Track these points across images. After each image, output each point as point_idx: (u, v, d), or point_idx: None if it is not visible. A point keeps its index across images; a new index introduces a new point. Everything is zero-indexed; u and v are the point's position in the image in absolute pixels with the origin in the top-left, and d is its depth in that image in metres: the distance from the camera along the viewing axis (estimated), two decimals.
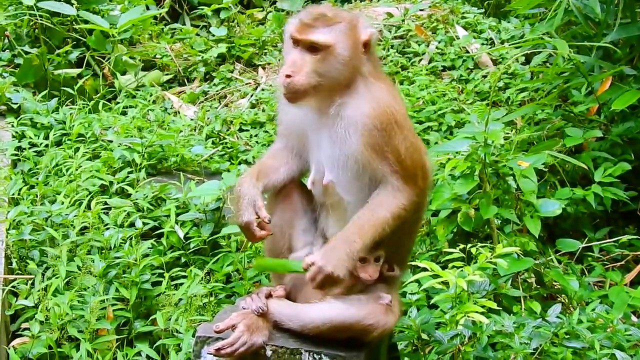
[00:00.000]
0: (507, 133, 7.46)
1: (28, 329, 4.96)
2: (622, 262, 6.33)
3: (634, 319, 5.53)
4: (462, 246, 5.12)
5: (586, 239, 6.35)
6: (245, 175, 3.93)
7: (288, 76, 3.63)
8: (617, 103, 6.45)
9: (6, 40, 9.65)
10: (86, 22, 9.55)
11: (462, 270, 4.63)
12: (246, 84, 9.75)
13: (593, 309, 5.31)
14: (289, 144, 3.99)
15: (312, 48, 3.66)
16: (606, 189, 6.26)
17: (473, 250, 5.07)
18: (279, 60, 10.16)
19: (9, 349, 4.84)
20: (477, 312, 4.39)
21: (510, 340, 4.52)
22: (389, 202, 3.68)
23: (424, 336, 4.56)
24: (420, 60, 9.76)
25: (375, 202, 3.69)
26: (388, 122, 3.68)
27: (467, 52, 9.72)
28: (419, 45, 9.95)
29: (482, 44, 9.82)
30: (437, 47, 9.90)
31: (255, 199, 3.76)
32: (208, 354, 3.62)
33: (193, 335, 4.63)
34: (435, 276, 4.48)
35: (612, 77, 6.93)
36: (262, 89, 9.52)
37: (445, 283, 4.56)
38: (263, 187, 3.85)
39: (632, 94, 6.48)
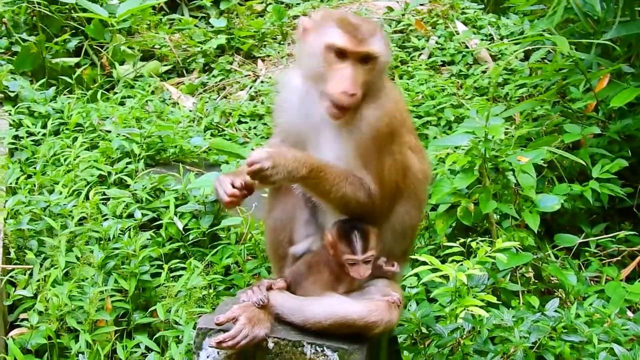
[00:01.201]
0: (507, 129, 7.47)
1: (26, 319, 4.95)
2: (619, 258, 6.36)
3: (629, 314, 5.56)
4: (461, 240, 5.15)
5: (583, 235, 6.39)
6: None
7: (353, 95, 3.56)
8: (615, 100, 6.49)
9: (3, 28, 9.64)
10: (85, 10, 9.52)
11: (461, 265, 4.65)
12: (245, 76, 9.74)
13: (590, 304, 5.35)
14: (287, 140, 3.93)
15: (364, 59, 3.61)
16: (603, 185, 6.30)
17: (473, 244, 5.10)
18: (279, 52, 10.15)
19: (8, 339, 4.81)
20: (477, 305, 4.42)
21: (510, 334, 4.53)
22: (358, 187, 3.67)
23: (424, 330, 4.57)
24: (420, 54, 9.78)
25: (351, 174, 3.67)
26: (385, 132, 3.69)
27: (467, 47, 9.75)
28: (419, 39, 9.96)
29: (482, 39, 9.86)
30: (436, 42, 9.93)
31: (240, 170, 3.75)
32: (209, 346, 3.59)
33: (193, 328, 4.65)
34: (435, 270, 4.51)
35: (610, 75, 6.99)
36: (262, 81, 9.52)
37: (445, 277, 4.59)
38: None
39: (630, 92, 6.52)
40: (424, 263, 4.56)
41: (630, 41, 7.27)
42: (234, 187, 3.65)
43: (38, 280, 5.28)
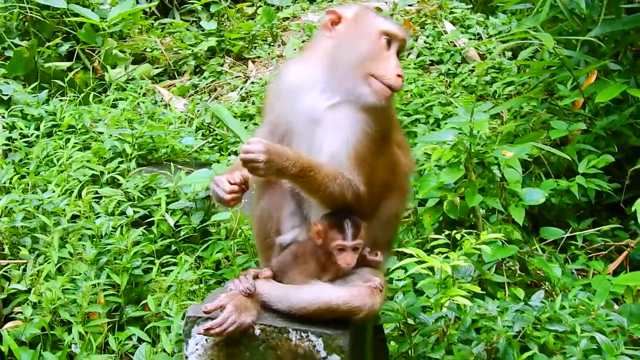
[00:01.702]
0: (494, 126, 7.57)
1: (21, 312, 5.04)
2: (605, 252, 6.43)
3: (617, 307, 5.62)
4: (447, 232, 5.23)
5: (570, 229, 6.44)
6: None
7: (400, 76, 3.78)
8: (600, 96, 6.54)
9: None
10: (76, 15, 9.63)
11: (447, 257, 4.73)
12: (236, 77, 9.84)
13: (575, 296, 5.42)
14: (276, 131, 4.00)
15: (401, 50, 3.86)
16: (590, 181, 6.37)
17: (458, 236, 5.19)
18: (269, 54, 10.24)
19: (2, 331, 4.90)
20: (461, 295, 4.50)
21: (494, 324, 4.60)
22: (346, 188, 3.75)
23: (410, 320, 4.65)
24: (409, 54, 9.87)
25: (340, 174, 3.75)
26: (379, 135, 3.81)
27: (455, 46, 9.83)
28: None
29: (470, 38, 9.95)
30: (425, 42, 10.03)
31: (234, 167, 3.83)
32: (198, 333, 3.66)
33: (183, 317, 4.73)
34: (421, 262, 4.59)
35: (597, 72, 7.03)
36: (252, 82, 9.61)
37: (431, 269, 4.67)
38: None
39: (615, 88, 6.57)
40: (411, 256, 4.64)
41: (616, 38, 7.35)
42: (232, 184, 3.72)
43: (32, 275, 5.36)
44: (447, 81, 9.26)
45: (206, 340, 3.70)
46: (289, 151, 3.66)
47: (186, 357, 3.76)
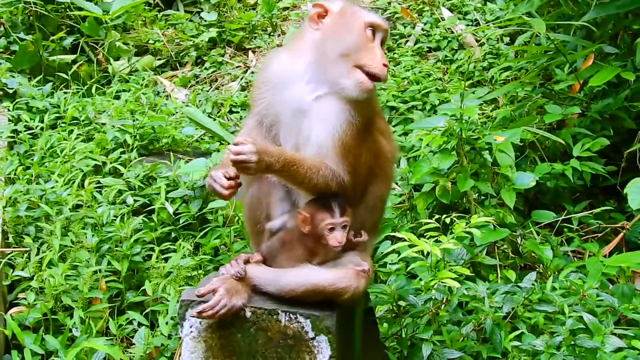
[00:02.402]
0: (490, 111, 7.64)
1: (24, 298, 5.18)
2: (601, 235, 6.47)
3: (612, 287, 5.71)
4: (437, 216, 5.34)
5: (565, 212, 6.52)
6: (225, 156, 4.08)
7: (385, 65, 3.90)
8: (594, 80, 6.58)
9: (1, 28, 9.85)
10: (80, 9, 9.72)
11: (437, 240, 4.84)
12: (236, 67, 9.94)
13: (566, 277, 5.51)
14: (264, 121, 4.11)
15: (384, 40, 4.01)
16: (585, 164, 6.43)
17: (447, 220, 5.29)
18: (269, 44, 10.34)
19: (7, 316, 5.05)
20: (450, 278, 4.61)
21: (483, 305, 4.72)
22: (330, 178, 3.88)
23: (401, 302, 4.76)
24: (407, 41, 9.94)
25: (324, 165, 3.87)
26: (363, 124, 3.93)
27: (453, 33, 9.88)
28: (405, 27, 10.13)
29: (467, 25, 9.99)
30: (422, 29, 10.09)
31: (225, 164, 3.91)
32: (191, 316, 3.78)
33: (177, 301, 4.87)
34: (412, 246, 4.70)
35: (594, 56, 7.07)
36: (252, 72, 9.70)
37: (424, 253, 4.78)
38: None
39: (610, 71, 6.61)
40: (404, 240, 4.75)
41: (611, 21, 7.40)
42: (229, 178, 3.81)
43: (35, 263, 5.50)
44: (444, 68, 9.32)
45: (200, 322, 3.81)
46: (272, 147, 3.79)
47: (181, 339, 3.87)
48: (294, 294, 3.76)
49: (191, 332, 3.85)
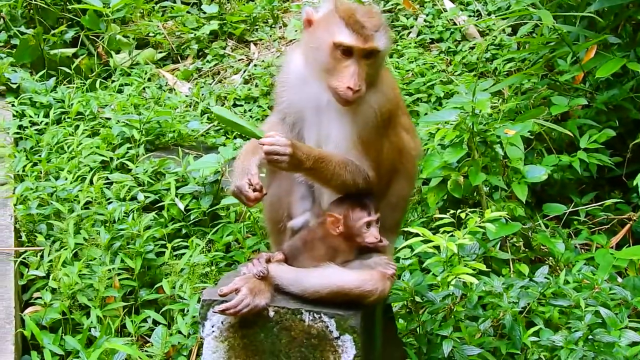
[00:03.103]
0: (495, 103, 7.64)
1: (40, 298, 5.17)
2: (608, 226, 6.51)
3: (620, 280, 5.73)
4: (452, 211, 5.34)
5: (572, 204, 6.53)
6: (243, 149, 4.06)
7: (357, 90, 3.73)
8: (600, 71, 6.59)
9: (1, 22, 9.77)
10: (79, 1, 9.65)
11: (452, 235, 4.84)
12: (239, 60, 9.90)
13: (579, 270, 5.53)
14: (287, 119, 4.09)
15: (368, 55, 3.78)
16: (591, 155, 6.45)
17: (463, 215, 5.29)
18: (270, 36, 10.30)
19: (24, 316, 5.04)
20: (467, 273, 4.61)
21: (500, 300, 4.72)
22: (357, 174, 3.87)
23: (418, 298, 4.77)
24: (409, 33, 9.92)
25: (350, 161, 3.86)
26: (384, 120, 3.89)
27: (455, 24, 9.87)
28: (408, 18, 10.10)
29: (469, 16, 9.97)
30: (425, 20, 10.06)
31: (249, 167, 3.86)
32: (214, 312, 3.76)
33: (197, 301, 4.86)
34: (427, 241, 4.70)
35: (597, 46, 7.06)
36: (255, 65, 9.66)
37: (437, 247, 4.78)
38: (259, 160, 3.87)
39: (616, 62, 6.62)
40: (417, 235, 4.75)
41: (615, 12, 7.40)
42: (255, 190, 3.78)
43: (49, 261, 5.49)
44: (447, 59, 9.32)
45: (222, 322, 3.80)
46: (303, 145, 3.78)
47: (202, 339, 3.86)
48: (318, 295, 3.75)
49: (213, 331, 3.83)
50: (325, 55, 3.78)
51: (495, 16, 9.38)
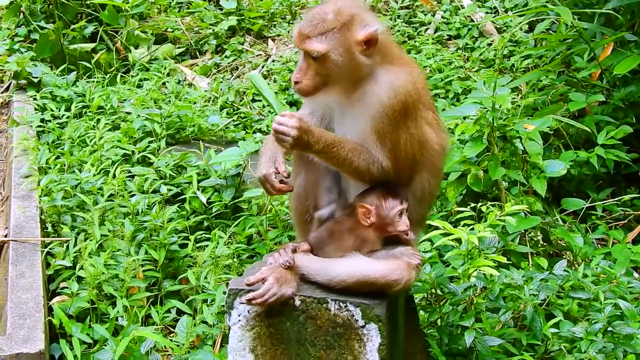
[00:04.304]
0: (513, 99, 7.67)
1: (66, 287, 5.25)
2: (625, 222, 6.56)
3: (636, 275, 5.78)
4: (472, 205, 5.39)
5: (590, 200, 6.58)
6: (270, 137, 4.10)
7: (296, 83, 3.93)
8: (618, 68, 6.63)
9: (22, 17, 9.86)
10: None
11: (472, 228, 4.90)
12: (257, 55, 9.95)
13: (597, 264, 5.58)
14: (316, 112, 4.18)
15: (311, 55, 3.89)
16: (609, 151, 6.49)
17: (483, 208, 5.34)
18: (288, 32, 10.35)
19: (52, 304, 5.12)
20: (488, 266, 4.67)
21: (520, 292, 4.77)
22: (371, 162, 3.93)
23: (438, 291, 4.82)
24: (427, 29, 9.96)
25: (365, 150, 3.93)
26: (398, 111, 3.92)
27: (472, 21, 9.90)
28: (425, 15, 10.15)
29: (487, 12, 10.01)
30: (442, 17, 10.10)
31: (276, 155, 3.99)
32: (241, 303, 3.81)
33: (223, 293, 4.92)
34: (447, 234, 4.75)
35: (613, 43, 7.10)
36: (273, 60, 9.72)
37: (457, 240, 4.83)
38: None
39: (633, 59, 6.66)
40: (437, 228, 4.80)
41: (632, 9, 7.41)
42: (281, 181, 3.96)
43: (75, 252, 5.57)
44: (465, 56, 9.36)
45: (248, 311, 3.85)
46: (315, 129, 3.84)
47: (229, 328, 3.91)
48: (344, 284, 3.78)
49: (239, 320, 3.87)
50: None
51: (513, 13, 9.41)
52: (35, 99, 8.03)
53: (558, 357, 4.62)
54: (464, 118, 6.21)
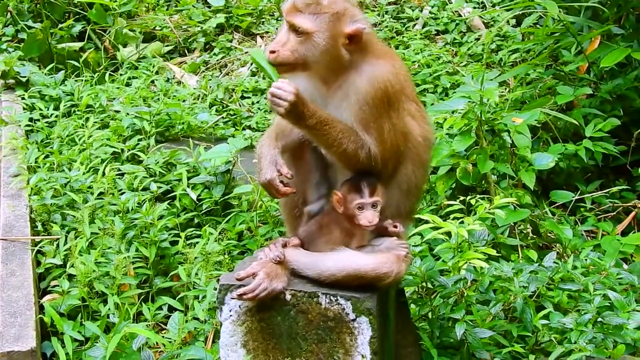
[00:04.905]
0: (501, 93, 7.71)
1: (57, 286, 5.24)
2: (613, 214, 6.60)
3: (625, 266, 5.81)
4: (462, 198, 5.41)
5: (578, 192, 6.62)
6: (265, 137, 4.15)
7: (272, 52, 3.89)
8: (605, 61, 6.67)
9: (9, 16, 9.83)
10: None
11: (462, 222, 4.91)
12: (245, 52, 9.95)
13: (586, 256, 5.61)
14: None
15: (296, 29, 3.89)
16: (597, 144, 6.52)
17: (472, 201, 5.37)
18: (277, 29, 10.35)
19: (44, 303, 5.11)
20: (478, 258, 4.69)
21: (510, 284, 4.80)
22: (360, 146, 3.92)
23: (429, 284, 4.84)
24: (415, 25, 9.98)
25: (354, 133, 3.92)
26: (380, 100, 3.93)
27: (460, 15, 9.93)
28: (413, 10, 10.18)
29: (474, 7, 10.04)
30: (430, 12, 10.13)
31: (276, 158, 3.97)
32: (231, 298, 3.82)
33: (214, 289, 4.93)
34: (437, 228, 4.77)
35: (600, 37, 7.15)
36: None
37: (447, 234, 4.85)
38: (281, 147, 4.04)
39: (620, 52, 6.69)
40: (427, 222, 4.81)
41: (618, 3, 7.46)
42: (285, 184, 3.93)
43: (65, 250, 5.56)
44: (453, 50, 9.38)
45: (239, 306, 3.86)
46: (311, 103, 3.84)
47: (220, 323, 3.92)
48: (334, 278, 3.80)
49: (230, 315, 3.89)
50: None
51: (500, 7, 9.44)
52: (23, 98, 8.00)
53: (548, 348, 4.64)
54: (453, 112, 6.24)
